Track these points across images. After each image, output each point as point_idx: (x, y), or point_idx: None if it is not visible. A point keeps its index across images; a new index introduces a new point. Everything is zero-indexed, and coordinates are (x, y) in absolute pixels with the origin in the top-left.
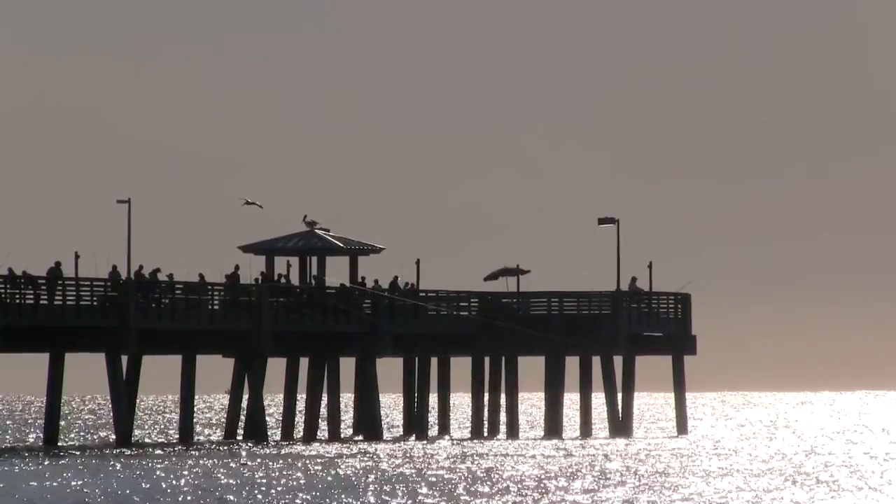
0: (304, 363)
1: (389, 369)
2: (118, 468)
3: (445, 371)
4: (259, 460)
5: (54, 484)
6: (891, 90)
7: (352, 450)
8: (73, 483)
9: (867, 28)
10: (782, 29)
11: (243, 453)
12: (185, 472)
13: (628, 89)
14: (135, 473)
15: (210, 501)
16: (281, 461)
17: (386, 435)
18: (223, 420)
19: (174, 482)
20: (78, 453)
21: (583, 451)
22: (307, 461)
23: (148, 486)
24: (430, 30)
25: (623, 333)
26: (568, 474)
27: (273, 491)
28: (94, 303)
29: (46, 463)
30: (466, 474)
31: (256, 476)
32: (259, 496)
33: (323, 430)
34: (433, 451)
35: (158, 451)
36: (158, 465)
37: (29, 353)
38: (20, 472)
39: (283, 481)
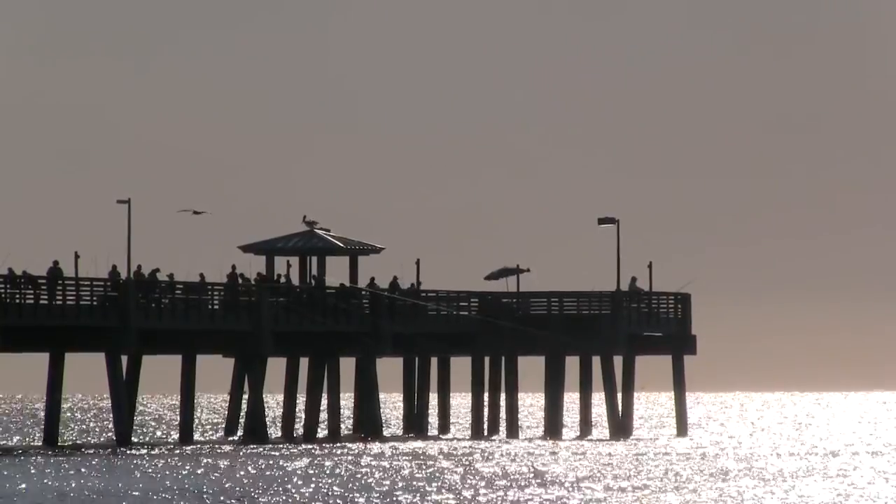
0: (304, 363)
1: (389, 369)
2: (121, 467)
3: (445, 371)
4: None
5: (55, 484)
6: (891, 90)
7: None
8: (74, 483)
9: (867, 28)
10: (783, 29)
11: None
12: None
13: (628, 89)
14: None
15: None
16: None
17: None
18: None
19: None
20: (78, 453)
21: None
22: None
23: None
24: (430, 30)
25: (623, 333)
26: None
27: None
28: (94, 303)
29: (45, 463)
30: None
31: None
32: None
33: (323, 430)
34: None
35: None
36: (186, 466)
37: (29, 353)
38: (19, 473)
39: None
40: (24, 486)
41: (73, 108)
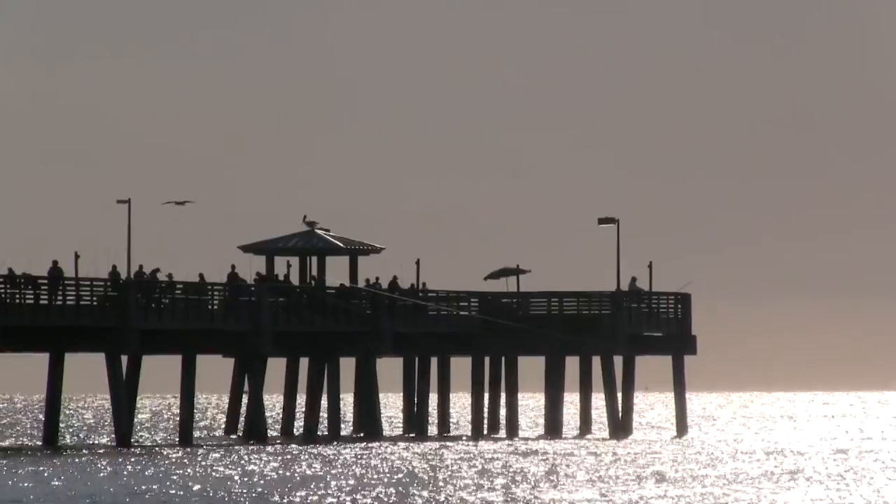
0: (304, 363)
1: (389, 369)
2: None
3: (445, 371)
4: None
5: (54, 484)
6: (891, 90)
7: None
8: (73, 483)
9: (867, 28)
10: (782, 29)
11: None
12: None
13: (628, 89)
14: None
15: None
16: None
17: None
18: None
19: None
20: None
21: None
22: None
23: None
24: (430, 30)
25: (623, 333)
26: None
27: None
28: (94, 303)
29: (46, 463)
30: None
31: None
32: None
33: (323, 430)
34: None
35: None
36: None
37: (29, 353)
38: (20, 473)
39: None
40: (22, 486)
41: (73, 108)
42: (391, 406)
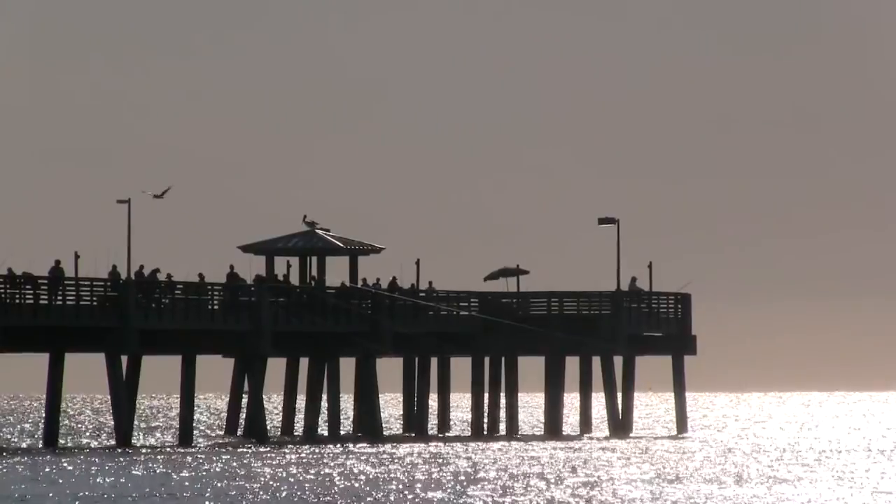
0: (304, 363)
1: (389, 369)
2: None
3: (445, 371)
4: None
5: (54, 485)
6: (891, 90)
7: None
8: (74, 484)
9: (868, 28)
10: (783, 29)
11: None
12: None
13: (628, 89)
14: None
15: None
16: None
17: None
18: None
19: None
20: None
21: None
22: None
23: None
24: (430, 30)
25: (623, 333)
26: None
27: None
28: (94, 303)
29: (46, 463)
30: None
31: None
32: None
33: (323, 430)
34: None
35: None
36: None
37: (29, 353)
38: (20, 473)
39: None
40: (22, 487)
41: (73, 108)
42: (391, 406)
